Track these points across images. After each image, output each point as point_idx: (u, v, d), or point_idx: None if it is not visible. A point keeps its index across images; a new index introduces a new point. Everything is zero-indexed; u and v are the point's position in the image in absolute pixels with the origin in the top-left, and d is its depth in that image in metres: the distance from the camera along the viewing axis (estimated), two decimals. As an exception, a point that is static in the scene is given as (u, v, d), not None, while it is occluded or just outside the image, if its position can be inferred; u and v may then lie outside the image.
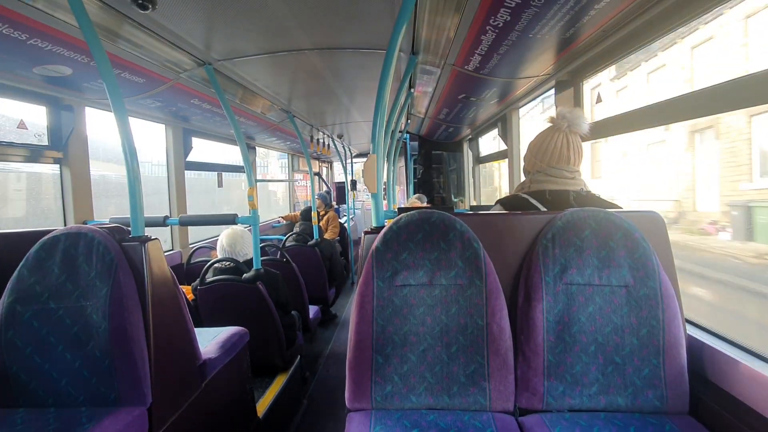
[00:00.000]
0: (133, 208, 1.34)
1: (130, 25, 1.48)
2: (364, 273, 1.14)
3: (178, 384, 1.38)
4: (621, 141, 9.56)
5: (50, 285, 1.22)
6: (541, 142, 1.34)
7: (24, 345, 1.20)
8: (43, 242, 1.25)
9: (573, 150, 1.31)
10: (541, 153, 1.33)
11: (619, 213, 1.13)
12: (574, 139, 1.32)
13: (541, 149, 1.34)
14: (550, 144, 1.32)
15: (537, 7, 1.25)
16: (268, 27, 1.66)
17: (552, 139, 1.32)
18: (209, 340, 1.70)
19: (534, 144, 1.37)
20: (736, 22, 6.54)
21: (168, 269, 1.39)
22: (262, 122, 3.42)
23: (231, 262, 2.22)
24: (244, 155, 2.31)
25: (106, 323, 1.17)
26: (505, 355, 1.09)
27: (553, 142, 1.31)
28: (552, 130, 1.34)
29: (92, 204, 2.23)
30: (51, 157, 2.05)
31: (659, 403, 1.03)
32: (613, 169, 9.96)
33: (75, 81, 1.83)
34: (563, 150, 1.30)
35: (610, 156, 10.03)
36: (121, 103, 1.30)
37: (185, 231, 3.14)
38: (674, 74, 8.09)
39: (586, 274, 1.09)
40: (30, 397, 1.19)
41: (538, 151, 1.35)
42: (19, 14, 1.26)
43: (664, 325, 1.05)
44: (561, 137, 1.31)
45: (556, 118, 1.34)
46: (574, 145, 1.31)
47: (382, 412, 1.08)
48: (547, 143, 1.33)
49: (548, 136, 1.34)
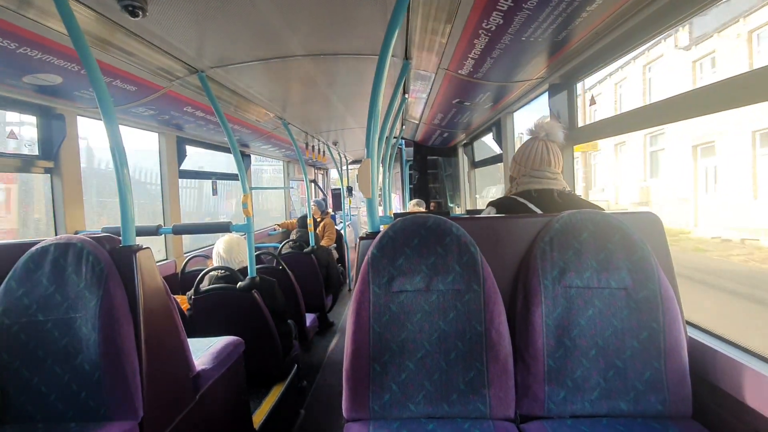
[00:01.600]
0: (124, 217, 1.32)
1: (121, 32, 1.47)
2: (360, 279, 1.12)
3: (171, 397, 1.35)
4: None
5: (38, 297, 1.19)
6: (524, 151, 1.49)
7: (12, 359, 1.17)
8: (32, 253, 1.23)
9: (552, 154, 1.45)
10: (524, 159, 1.47)
11: (617, 214, 1.12)
12: (552, 146, 1.46)
13: (524, 156, 1.48)
14: (532, 151, 1.46)
15: (529, 10, 1.25)
16: (260, 34, 1.65)
17: (533, 146, 1.47)
18: (203, 350, 1.66)
19: (518, 154, 1.52)
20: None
21: (160, 279, 1.36)
22: (257, 129, 3.40)
23: (226, 270, 2.19)
24: (238, 163, 2.30)
25: (96, 335, 1.15)
26: (505, 361, 1.07)
27: (534, 148, 1.46)
28: (532, 140, 1.49)
29: (84, 214, 2.20)
30: (42, 167, 2.03)
31: (662, 407, 1.01)
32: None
33: (66, 90, 1.81)
34: (544, 154, 1.45)
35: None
36: (111, 111, 1.29)
37: (179, 240, 3.11)
38: (635, 86, 10.90)
39: (584, 277, 1.07)
40: (18, 413, 1.16)
41: (521, 159, 1.49)
42: (9, 23, 1.24)
43: (665, 328, 1.03)
44: (540, 145, 1.46)
45: (535, 129, 1.49)
46: (553, 150, 1.46)
47: (381, 421, 1.05)
48: (529, 150, 1.47)
49: (530, 144, 1.48)
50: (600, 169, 13.34)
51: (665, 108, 1.27)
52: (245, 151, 4.31)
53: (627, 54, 1.53)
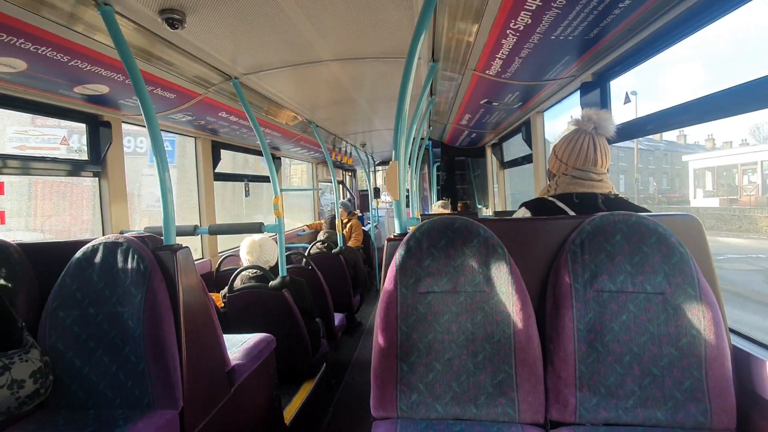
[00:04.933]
0: (166, 218, 1.40)
1: (161, 44, 1.56)
2: (388, 280, 1.14)
3: (208, 389, 1.41)
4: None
5: (90, 292, 1.28)
6: (567, 144, 1.30)
7: (66, 349, 1.27)
8: (84, 251, 1.32)
9: (600, 152, 1.27)
10: (567, 155, 1.29)
11: (653, 216, 1.08)
12: (601, 141, 1.27)
13: (566, 151, 1.30)
14: (576, 146, 1.28)
15: (558, 8, 1.23)
16: (290, 40, 1.71)
17: (578, 141, 1.28)
18: (237, 346, 1.73)
19: (559, 146, 1.33)
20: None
21: (198, 277, 1.44)
22: (287, 133, 3.50)
23: (258, 269, 2.27)
24: (269, 165, 2.37)
25: (141, 329, 1.22)
26: (534, 365, 1.05)
27: (579, 143, 1.27)
28: (577, 132, 1.30)
29: (128, 214, 2.34)
30: (91, 171, 2.18)
31: (703, 418, 0.97)
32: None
33: (112, 98, 1.94)
34: (590, 152, 1.26)
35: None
36: (153, 117, 1.37)
37: (215, 240, 3.24)
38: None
39: (618, 281, 1.04)
40: (71, 400, 1.26)
41: (563, 154, 1.31)
42: (61, 38, 1.35)
43: (706, 335, 0.98)
44: (587, 139, 1.27)
45: (582, 120, 1.30)
46: (601, 147, 1.27)
47: (408, 421, 1.06)
48: (573, 145, 1.28)
49: (574, 138, 1.29)
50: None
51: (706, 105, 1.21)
52: (276, 154, 4.43)
53: (662, 50, 1.46)
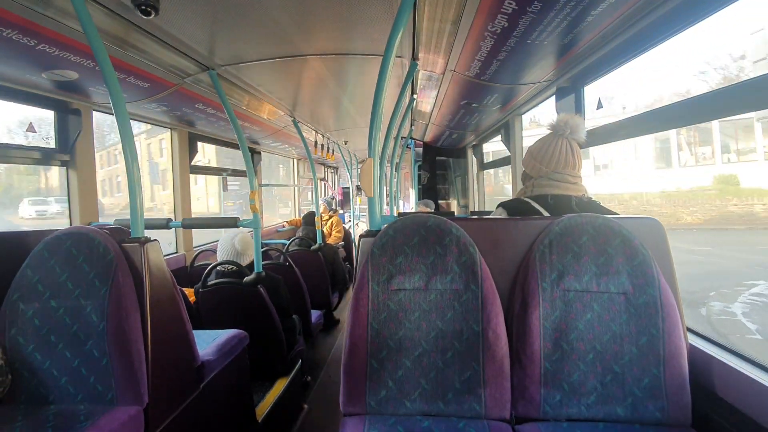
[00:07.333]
0: (133, 210, 1.36)
1: (134, 31, 1.51)
2: (359, 276, 1.14)
3: (175, 385, 1.38)
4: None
5: (52, 283, 1.24)
6: (545, 148, 1.35)
7: (26, 342, 1.22)
8: (47, 242, 1.27)
9: (576, 156, 1.33)
10: (547, 159, 1.34)
11: (618, 219, 1.12)
12: (576, 146, 1.34)
13: (546, 155, 1.34)
14: (555, 150, 1.33)
15: (534, 13, 1.25)
16: (270, 33, 1.68)
17: (556, 144, 1.33)
18: (208, 342, 1.70)
19: (536, 149, 1.38)
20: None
21: (167, 271, 1.40)
22: (267, 127, 3.45)
23: (233, 265, 2.23)
24: (246, 159, 2.34)
25: (105, 323, 1.19)
26: (501, 362, 1.08)
27: (558, 148, 1.33)
28: (554, 136, 1.35)
29: (97, 205, 2.27)
30: (59, 160, 2.09)
31: (660, 414, 1.01)
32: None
33: (82, 85, 1.87)
34: (568, 156, 1.32)
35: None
36: (123, 107, 1.33)
37: (189, 234, 3.17)
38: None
39: (583, 281, 1.07)
40: (31, 394, 1.21)
41: (542, 157, 1.35)
42: (28, 20, 1.29)
43: (665, 334, 1.03)
44: (564, 143, 1.33)
45: (558, 125, 1.35)
46: (576, 151, 1.33)
47: (377, 417, 1.07)
48: (552, 149, 1.33)
49: (551, 142, 1.35)
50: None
51: (674, 113, 1.26)
52: (255, 148, 4.36)
53: (637, 57, 1.51)
